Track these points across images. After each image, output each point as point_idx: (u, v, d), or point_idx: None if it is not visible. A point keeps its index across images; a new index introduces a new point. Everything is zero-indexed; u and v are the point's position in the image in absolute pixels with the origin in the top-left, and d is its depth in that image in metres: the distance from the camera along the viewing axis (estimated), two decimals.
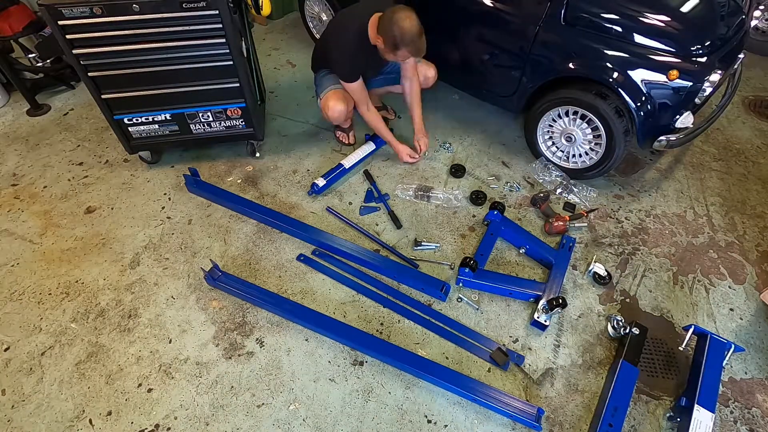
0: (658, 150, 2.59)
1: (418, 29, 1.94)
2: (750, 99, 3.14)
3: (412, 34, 1.92)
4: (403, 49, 1.98)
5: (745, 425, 1.62)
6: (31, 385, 1.70)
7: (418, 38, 1.95)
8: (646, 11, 1.95)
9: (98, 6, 1.80)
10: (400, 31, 1.91)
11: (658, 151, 2.65)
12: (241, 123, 2.40)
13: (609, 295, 2.00)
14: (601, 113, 2.12)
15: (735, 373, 1.76)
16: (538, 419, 1.55)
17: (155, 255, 2.13)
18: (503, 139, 2.79)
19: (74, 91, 3.14)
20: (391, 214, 2.30)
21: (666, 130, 2.10)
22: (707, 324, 1.91)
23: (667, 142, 2.10)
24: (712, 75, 1.90)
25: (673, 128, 2.10)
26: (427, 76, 2.52)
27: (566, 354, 1.80)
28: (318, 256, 2.12)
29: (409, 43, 1.95)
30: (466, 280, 1.97)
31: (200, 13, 1.91)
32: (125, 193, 2.43)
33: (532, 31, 2.17)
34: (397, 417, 1.63)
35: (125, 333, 1.85)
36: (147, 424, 1.60)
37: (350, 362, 1.77)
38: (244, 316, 1.91)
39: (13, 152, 2.68)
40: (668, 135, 2.10)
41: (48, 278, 2.04)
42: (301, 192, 2.44)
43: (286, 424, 1.60)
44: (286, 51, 3.58)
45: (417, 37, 1.94)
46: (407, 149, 2.53)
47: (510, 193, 2.45)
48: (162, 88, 2.15)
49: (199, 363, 1.76)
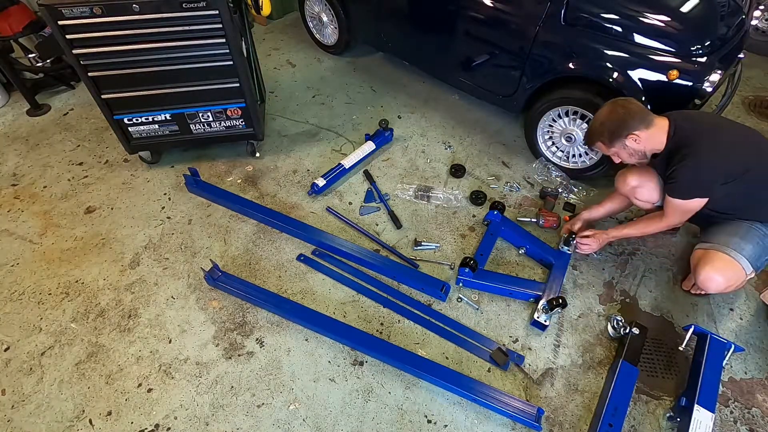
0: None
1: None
2: (750, 99, 3.14)
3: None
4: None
5: (745, 425, 1.62)
6: (31, 385, 1.70)
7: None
8: (646, 11, 1.95)
9: (98, 6, 1.81)
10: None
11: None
12: (241, 123, 2.40)
13: (609, 295, 2.00)
14: None
15: (735, 373, 1.76)
16: (538, 419, 1.55)
17: (155, 255, 2.13)
18: (503, 139, 2.79)
19: (74, 91, 3.15)
20: (391, 214, 2.30)
21: None
22: (707, 324, 1.91)
23: None
24: (712, 75, 1.89)
25: None
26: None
27: (566, 354, 1.80)
28: (318, 256, 2.12)
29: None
30: (466, 280, 1.97)
31: (200, 13, 1.91)
32: (125, 193, 2.43)
33: (532, 31, 2.17)
34: (397, 417, 1.63)
35: (125, 333, 1.85)
36: (147, 424, 1.60)
37: (350, 362, 1.77)
38: (244, 316, 1.91)
39: (13, 152, 2.68)
40: None
41: (48, 278, 2.04)
42: (301, 192, 2.44)
43: (286, 424, 1.60)
44: (286, 51, 3.58)
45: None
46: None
47: (510, 193, 2.45)
48: (162, 88, 2.15)
49: (199, 363, 1.76)
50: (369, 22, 3.02)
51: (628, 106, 1.67)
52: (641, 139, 1.67)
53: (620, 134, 1.68)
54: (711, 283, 1.70)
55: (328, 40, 3.45)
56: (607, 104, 1.73)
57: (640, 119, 1.65)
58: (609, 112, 1.70)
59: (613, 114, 1.68)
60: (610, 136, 1.71)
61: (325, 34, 3.43)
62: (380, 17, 2.92)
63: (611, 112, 1.69)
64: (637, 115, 1.66)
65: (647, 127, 1.66)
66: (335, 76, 3.31)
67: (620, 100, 1.71)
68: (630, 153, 1.74)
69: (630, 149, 1.72)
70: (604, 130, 1.71)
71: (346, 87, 3.20)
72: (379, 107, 3.02)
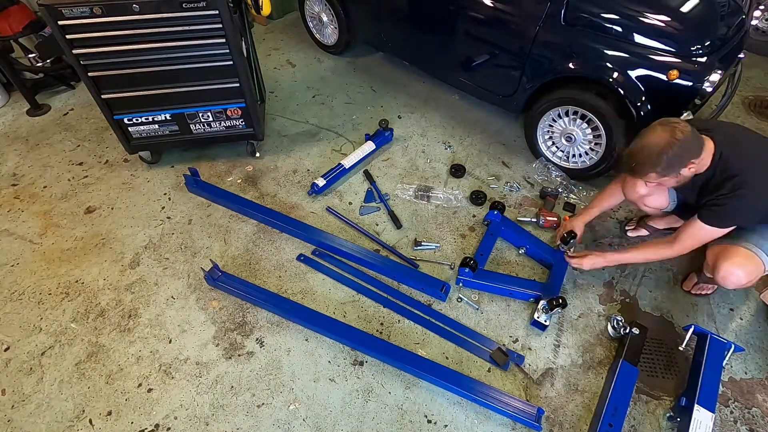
0: None
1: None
2: (750, 99, 3.14)
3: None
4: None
5: (745, 425, 1.62)
6: (31, 385, 1.70)
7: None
8: (646, 11, 1.95)
9: (98, 6, 1.81)
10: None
11: None
12: (241, 123, 2.40)
13: (609, 295, 2.00)
14: (601, 113, 2.12)
15: (735, 373, 1.76)
16: (538, 419, 1.55)
17: (155, 255, 2.13)
18: (503, 139, 2.79)
19: (74, 91, 3.14)
20: (391, 214, 2.30)
21: None
22: (707, 324, 1.91)
23: None
24: (712, 75, 1.89)
25: None
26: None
27: (566, 354, 1.80)
28: (318, 256, 2.12)
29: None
30: (466, 280, 1.97)
31: (200, 13, 1.91)
32: (125, 193, 2.43)
33: (532, 31, 2.17)
34: (397, 417, 1.63)
35: (125, 333, 1.85)
36: (147, 424, 1.60)
37: (350, 362, 1.77)
38: (244, 316, 1.91)
39: (13, 152, 2.68)
40: None
41: (48, 278, 2.04)
42: (301, 192, 2.44)
43: (286, 424, 1.60)
44: (286, 51, 3.58)
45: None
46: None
47: (510, 193, 2.45)
48: (162, 88, 2.15)
49: (199, 363, 1.76)
50: (369, 22, 3.02)
51: (685, 131, 1.42)
52: (695, 167, 1.48)
53: (680, 164, 1.45)
54: (732, 277, 1.60)
55: (328, 40, 3.45)
56: (659, 128, 1.45)
57: (696, 144, 1.46)
58: (669, 138, 1.41)
59: (673, 140, 1.41)
60: (667, 166, 1.44)
61: (325, 34, 3.43)
62: (380, 17, 2.92)
63: (671, 137, 1.41)
64: (694, 139, 1.44)
65: (701, 152, 1.47)
66: (335, 76, 3.31)
67: (674, 122, 1.45)
68: (678, 180, 1.53)
69: (681, 177, 1.51)
70: (662, 159, 1.43)
71: (346, 87, 3.20)
72: (379, 107, 3.03)
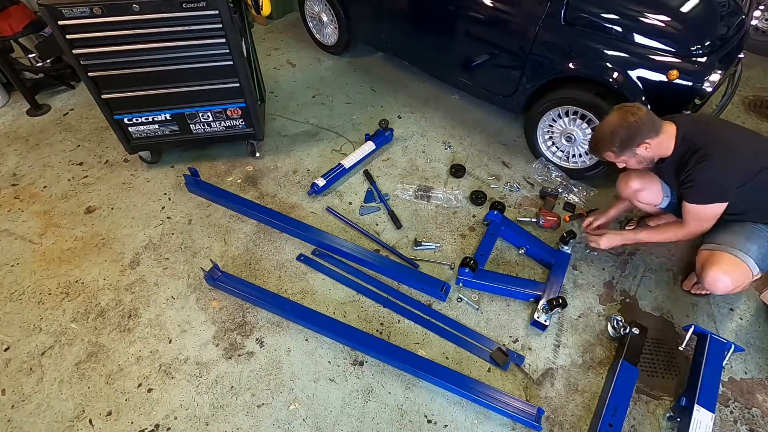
0: None
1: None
2: (750, 99, 3.14)
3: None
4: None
5: (745, 425, 1.62)
6: (31, 385, 1.70)
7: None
8: (646, 11, 1.95)
9: (98, 6, 1.81)
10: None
11: None
12: (241, 123, 2.40)
13: (609, 295, 2.00)
14: (602, 113, 2.12)
15: (735, 373, 1.76)
16: (538, 419, 1.55)
17: (155, 255, 2.13)
18: (503, 139, 2.79)
19: (74, 91, 3.15)
20: (391, 214, 2.30)
21: None
22: (707, 324, 1.91)
23: None
24: (712, 75, 1.89)
25: None
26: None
27: (566, 354, 1.80)
28: (318, 256, 2.12)
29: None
30: (466, 280, 1.97)
31: (200, 13, 1.91)
32: (125, 193, 2.43)
33: (532, 31, 2.17)
34: (397, 417, 1.63)
35: (125, 333, 1.85)
36: (147, 424, 1.60)
37: (350, 362, 1.77)
38: (244, 316, 1.91)
39: (13, 152, 2.68)
40: None
41: (48, 278, 2.04)
42: (301, 192, 2.44)
43: (286, 424, 1.60)
44: (286, 51, 3.58)
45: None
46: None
47: (510, 193, 2.45)
48: (162, 88, 2.15)
49: (199, 363, 1.76)
50: (369, 22, 3.02)
51: (638, 113, 1.59)
52: (652, 147, 1.62)
53: (632, 143, 1.61)
54: (719, 284, 1.67)
55: (328, 40, 3.45)
56: (614, 111, 1.64)
57: (651, 127, 1.60)
58: (619, 120, 1.60)
59: (623, 122, 1.59)
60: (621, 145, 1.63)
61: (325, 34, 3.43)
62: (380, 17, 2.92)
63: (622, 119, 1.60)
64: (648, 122, 1.60)
65: (657, 134, 1.61)
66: (335, 76, 3.31)
67: (628, 106, 1.63)
68: (639, 161, 1.69)
69: (640, 157, 1.67)
70: (615, 139, 1.62)
71: (346, 87, 3.20)
72: (379, 107, 3.03)
